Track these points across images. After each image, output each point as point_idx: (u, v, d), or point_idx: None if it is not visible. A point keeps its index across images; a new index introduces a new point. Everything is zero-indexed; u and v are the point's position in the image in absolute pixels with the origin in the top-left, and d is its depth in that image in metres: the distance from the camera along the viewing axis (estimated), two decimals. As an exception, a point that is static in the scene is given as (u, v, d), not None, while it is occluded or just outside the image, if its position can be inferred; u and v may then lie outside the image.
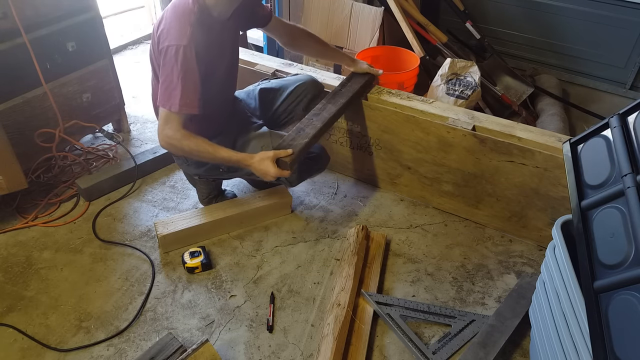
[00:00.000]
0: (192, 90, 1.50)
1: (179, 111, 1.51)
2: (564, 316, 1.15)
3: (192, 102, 1.51)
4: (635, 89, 2.84)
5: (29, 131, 2.00)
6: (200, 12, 1.52)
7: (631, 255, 1.00)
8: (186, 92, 1.49)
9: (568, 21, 2.87)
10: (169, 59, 1.48)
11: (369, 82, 2.02)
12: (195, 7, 1.51)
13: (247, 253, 1.87)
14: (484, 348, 1.46)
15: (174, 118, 1.53)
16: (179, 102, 1.49)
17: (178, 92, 1.49)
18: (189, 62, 1.48)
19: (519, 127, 1.81)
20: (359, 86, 1.95)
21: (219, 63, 1.67)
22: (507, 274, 1.82)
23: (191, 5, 1.51)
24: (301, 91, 1.93)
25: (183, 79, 1.48)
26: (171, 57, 1.48)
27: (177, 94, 1.49)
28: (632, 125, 1.19)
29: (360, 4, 2.75)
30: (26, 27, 1.87)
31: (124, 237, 1.93)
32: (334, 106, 1.84)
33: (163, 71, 1.52)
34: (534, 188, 1.79)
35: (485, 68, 2.72)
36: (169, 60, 1.48)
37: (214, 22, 1.58)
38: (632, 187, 1.07)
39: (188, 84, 1.49)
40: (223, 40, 1.65)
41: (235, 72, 1.85)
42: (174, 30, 1.48)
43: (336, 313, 1.52)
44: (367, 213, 2.08)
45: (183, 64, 1.47)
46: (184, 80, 1.48)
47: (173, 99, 1.50)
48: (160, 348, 1.43)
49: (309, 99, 1.94)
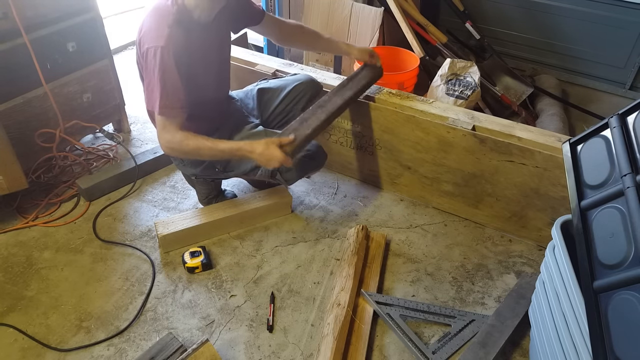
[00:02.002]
0: (171, 91, 1.50)
1: (160, 112, 1.51)
2: (563, 316, 1.16)
3: (172, 102, 1.51)
4: (634, 89, 2.84)
5: (30, 131, 2.00)
6: (180, 13, 1.51)
7: (631, 255, 1.00)
8: (165, 92, 1.49)
9: (568, 21, 2.87)
10: (149, 61, 1.49)
11: (377, 76, 2.00)
12: (174, 9, 1.50)
13: (247, 253, 1.87)
14: (484, 348, 1.46)
15: (169, 122, 1.53)
16: (159, 103, 1.49)
17: (158, 94, 1.49)
18: (166, 63, 1.47)
19: (519, 127, 1.81)
20: (366, 81, 1.94)
21: (204, 65, 1.66)
22: (507, 274, 1.82)
23: (170, 6, 1.50)
24: (299, 91, 1.93)
25: (162, 80, 1.48)
26: (151, 59, 1.48)
27: (157, 95, 1.49)
28: (631, 125, 1.19)
29: (360, 4, 2.75)
30: (26, 28, 1.87)
31: (125, 237, 1.93)
32: (339, 98, 1.83)
33: (146, 74, 1.53)
34: (534, 188, 1.79)
35: (485, 68, 2.72)
36: (149, 62, 1.49)
37: (194, 24, 1.56)
38: (632, 187, 1.07)
39: (167, 84, 1.49)
40: (206, 42, 1.64)
41: (225, 73, 1.85)
42: (153, 32, 1.49)
43: (336, 313, 1.52)
44: (367, 213, 2.09)
45: (161, 65, 1.47)
46: (163, 81, 1.48)
47: (154, 101, 1.50)
48: (160, 348, 1.43)
49: (307, 98, 1.94)
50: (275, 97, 1.94)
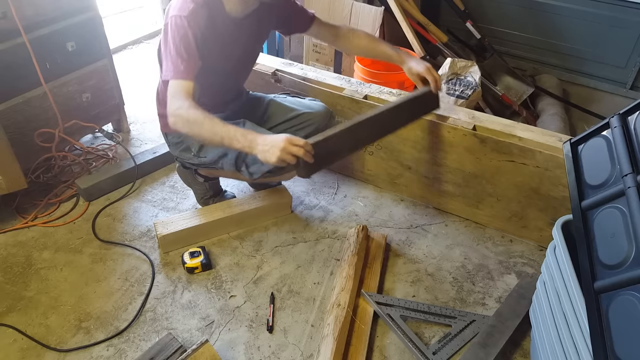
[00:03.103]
0: (186, 58, 1.48)
1: (173, 77, 1.48)
2: (564, 316, 1.15)
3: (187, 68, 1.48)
4: (635, 89, 2.84)
5: (29, 131, 2.00)
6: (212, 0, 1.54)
7: (631, 255, 1.00)
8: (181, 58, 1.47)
9: (568, 21, 2.87)
10: (170, 29, 1.49)
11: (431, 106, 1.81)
12: None
13: (247, 253, 1.87)
14: (485, 348, 1.46)
15: (181, 88, 1.49)
16: (174, 68, 1.48)
17: (173, 60, 1.48)
18: (185, 30, 1.47)
19: (520, 127, 1.81)
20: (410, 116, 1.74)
21: (223, 57, 1.65)
22: (508, 274, 1.81)
23: None
24: (307, 119, 1.85)
25: (178, 46, 1.47)
26: (172, 26, 1.48)
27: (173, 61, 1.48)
28: (632, 125, 1.19)
29: (360, 4, 2.74)
30: (26, 27, 1.86)
31: (124, 237, 1.93)
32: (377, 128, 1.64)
33: (165, 45, 1.52)
34: (535, 188, 1.79)
35: (486, 68, 2.72)
36: (171, 30, 1.49)
37: (224, 15, 1.58)
38: (633, 187, 1.07)
39: (183, 51, 1.48)
40: (231, 35, 1.64)
41: (242, 72, 1.85)
42: (179, 4, 1.50)
43: (336, 313, 1.52)
44: (367, 213, 2.08)
45: (180, 31, 1.47)
46: (179, 47, 1.47)
47: (170, 68, 1.49)
48: (160, 348, 1.43)
49: (313, 128, 1.83)
50: (282, 115, 1.88)
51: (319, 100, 1.95)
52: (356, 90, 2.04)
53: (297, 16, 1.83)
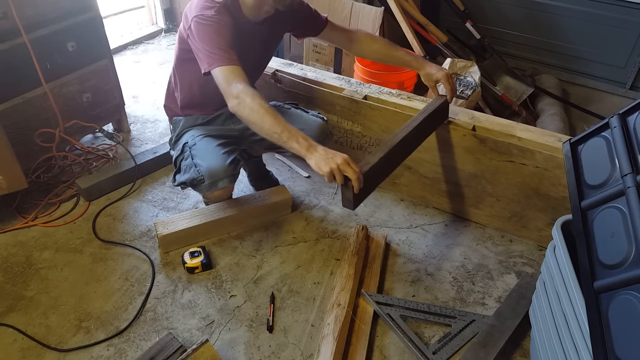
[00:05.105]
0: (224, 43, 1.48)
1: (220, 63, 1.46)
2: (564, 316, 1.15)
3: (229, 53, 1.47)
4: (635, 89, 2.84)
5: (29, 131, 2.00)
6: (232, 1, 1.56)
7: (631, 255, 1.00)
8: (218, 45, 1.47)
9: (568, 21, 2.87)
10: (197, 27, 1.49)
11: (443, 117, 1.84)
12: None
13: (247, 253, 1.87)
14: (484, 348, 1.46)
15: (232, 71, 1.46)
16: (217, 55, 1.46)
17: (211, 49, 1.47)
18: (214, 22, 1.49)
19: (519, 127, 1.81)
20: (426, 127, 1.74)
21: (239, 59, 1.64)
22: (508, 274, 1.81)
23: None
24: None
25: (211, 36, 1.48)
26: (199, 23, 1.49)
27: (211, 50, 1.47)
28: (632, 125, 1.19)
29: (360, 4, 2.75)
30: (26, 27, 1.87)
31: (124, 237, 1.93)
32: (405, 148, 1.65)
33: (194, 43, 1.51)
34: (534, 188, 1.79)
35: (485, 68, 2.72)
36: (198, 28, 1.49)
37: (243, 18, 1.61)
38: (633, 187, 1.07)
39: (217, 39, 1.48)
40: (248, 38, 1.66)
41: (256, 72, 1.88)
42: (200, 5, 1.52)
43: (336, 313, 1.52)
44: (367, 213, 2.08)
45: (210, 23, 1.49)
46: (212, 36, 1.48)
47: (211, 58, 1.47)
48: (160, 348, 1.43)
49: None
50: None
51: (322, 115, 1.94)
52: (356, 91, 2.05)
53: (311, 20, 1.84)
